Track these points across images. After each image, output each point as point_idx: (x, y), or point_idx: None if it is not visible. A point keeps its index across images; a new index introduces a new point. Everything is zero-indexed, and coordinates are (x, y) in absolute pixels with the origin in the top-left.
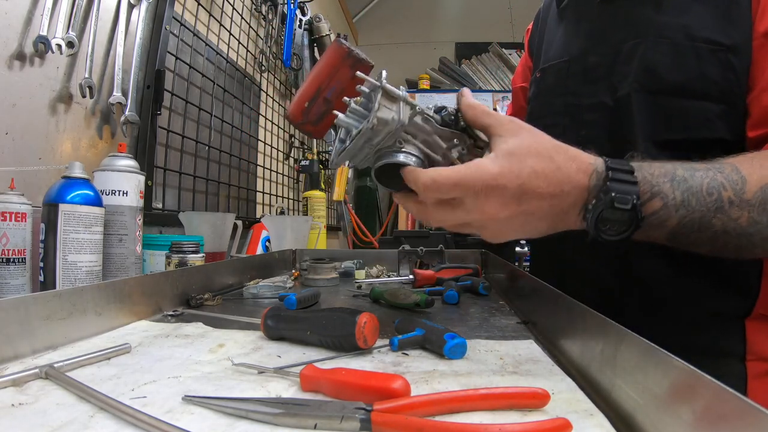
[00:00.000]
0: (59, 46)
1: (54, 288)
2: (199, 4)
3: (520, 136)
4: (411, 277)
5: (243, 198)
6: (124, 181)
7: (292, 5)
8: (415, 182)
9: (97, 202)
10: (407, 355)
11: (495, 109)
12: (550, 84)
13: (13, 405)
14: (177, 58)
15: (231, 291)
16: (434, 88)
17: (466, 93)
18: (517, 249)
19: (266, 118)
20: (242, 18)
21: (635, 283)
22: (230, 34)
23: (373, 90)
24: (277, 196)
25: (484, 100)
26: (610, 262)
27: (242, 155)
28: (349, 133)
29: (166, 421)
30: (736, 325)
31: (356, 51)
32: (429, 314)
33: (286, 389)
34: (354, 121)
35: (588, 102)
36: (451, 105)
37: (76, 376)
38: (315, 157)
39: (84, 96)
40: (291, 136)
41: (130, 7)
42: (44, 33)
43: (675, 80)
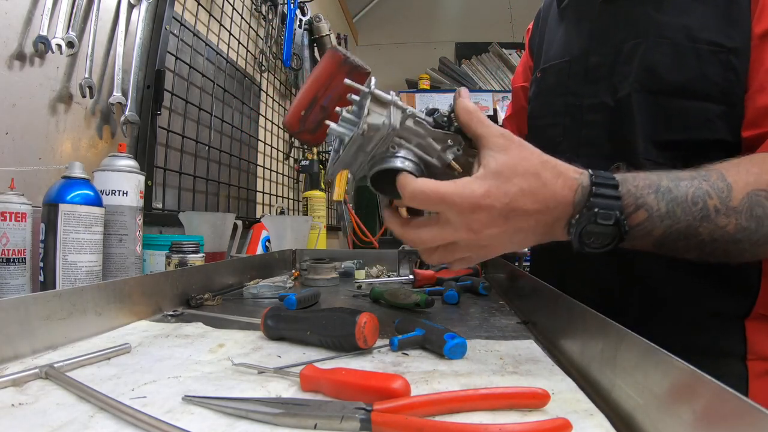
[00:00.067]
0: (59, 46)
1: (54, 288)
2: (199, 4)
3: (509, 152)
4: (411, 277)
5: (243, 198)
6: (124, 181)
7: (292, 5)
8: (404, 188)
9: (97, 202)
10: (407, 355)
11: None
12: (550, 84)
13: (13, 405)
14: (177, 58)
15: (231, 291)
16: (434, 88)
17: (463, 94)
18: None
19: (266, 118)
20: (242, 18)
21: (635, 283)
22: (230, 34)
23: (363, 97)
24: (277, 196)
25: (484, 100)
26: (610, 262)
27: (242, 155)
28: (343, 143)
29: (166, 421)
30: (736, 325)
31: (352, 58)
32: (429, 314)
33: (286, 389)
34: (346, 129)
35: (589, 102)
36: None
37: (76, 376)
38: (315, 157)
39: (84, 96)
40: (291, 136)
41: (130, 7)
42: (44, 33)
43: (675, 80)
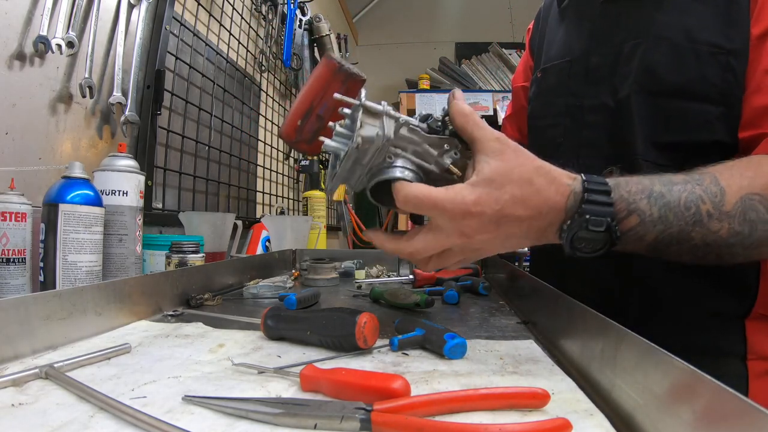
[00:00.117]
0: (59, 46)
1: (54, 288)
2: (199, 4)
3: (504, 158)
4: (411, 277)
5: (243, 198)
6: (124, 181)
7: (292, 5)
8: (398, 193)
9: (97, 202)
10: (407, 355)
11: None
12: (551, 84)
13: (13, 405)
14: (177, 58)
15: (231, 291)
16: (434, 88)
17: (458, 95)
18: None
19: (266, 118)
20: (242, 18)
21: (635, 283)
22: (230, 34)
23: (355, 109)
24: (277, 196)
25: (484, 100)
26: (609, 262)
27: (242, 155)
28: (338, 158)
29: (166, 421)
30: (735, 324)
31: (347, 66)
32: (429, 314)
33: (286, 389)
34: (341, 144)
35: (590, 103)
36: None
37: (76, 376)
38: (315, 158)
39: (84, 96)
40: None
41: (130, 7)
42: (44, 33)
43: (675, 81)
